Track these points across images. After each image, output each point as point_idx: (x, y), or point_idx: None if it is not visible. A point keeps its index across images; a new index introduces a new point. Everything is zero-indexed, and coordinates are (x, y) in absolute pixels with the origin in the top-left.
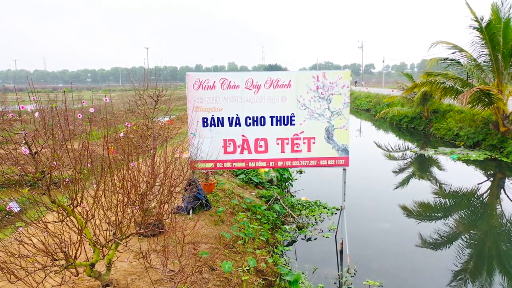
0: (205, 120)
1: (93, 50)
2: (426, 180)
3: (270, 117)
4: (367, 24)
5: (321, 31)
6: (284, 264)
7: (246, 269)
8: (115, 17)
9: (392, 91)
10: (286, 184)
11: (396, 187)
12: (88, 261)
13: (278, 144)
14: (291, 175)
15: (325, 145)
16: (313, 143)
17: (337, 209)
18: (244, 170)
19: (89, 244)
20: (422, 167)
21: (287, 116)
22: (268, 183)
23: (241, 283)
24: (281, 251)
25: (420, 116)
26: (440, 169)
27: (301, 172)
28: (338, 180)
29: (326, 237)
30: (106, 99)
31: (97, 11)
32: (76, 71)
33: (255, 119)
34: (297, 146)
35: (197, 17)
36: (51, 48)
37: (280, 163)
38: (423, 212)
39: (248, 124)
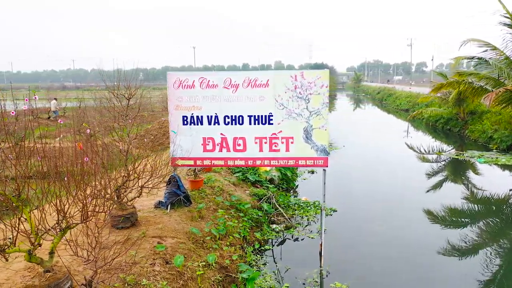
0: (185, 118)
1: (145, 51)
2: (449, 184)
3: (248, 116)
4: (419, 21)
5: (371, 29)
6: (260, 263)
7: (203, 264)
8: (166, 19)
9: None
10: (289, 183)
11: (415, 190)
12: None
13: (256, 143)
14: (297, 175)
15: (304, 145)
16: (292, 143)
17: (334, 210)
18: (242, 168)
19: (31, 232)
20: (447, 170)
21: (265, 116)
22: (268, 182)
23: (196, 278)
24: (258, 249)
25: (457, 118)
26: (466, 173)
27: (312, 172)
28: (348, 182)
29: (312, 238)
30: (35, 98)
31: (148, 14)
32: (129, 70)
33: (233, 118)
34: (275, 146)
35: (244, 17)
36: (108, 49)
37: (258, 162)
38: (436, 216)
39: (226, 123)
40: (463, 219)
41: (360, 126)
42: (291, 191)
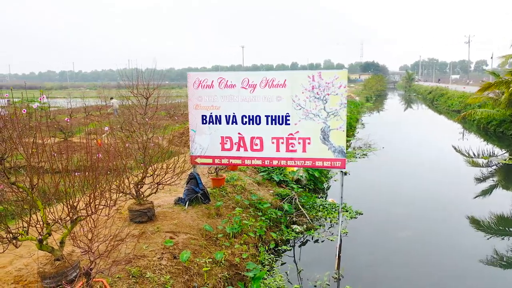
0: (204, 117)
1: (196, 50)
2: (498, 191)
3: (265, 116)
4: (479, 16)
5: (426, 26)
6: (276, 263)
7: (210, 261)
8: (214, 18)
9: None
10: (317, 184)
11: (458, 196)
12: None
13: (273, 143)
14: (326, 176)
15: (321, 146)
16: (308, 143)
17: (359, 213)
18: (268, 168)
19: (43, 222)
20: (497, 176)
21: (282, 116)
22: (294, 182)
23: (203, 274)
24: (274, 249)
25: (510, 120)
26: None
27: (345, 173)
28: (381, 185)
29: (332, 240)
30: (43, 97)
31: (195, 12)
32: (181, 69)
33: (251, 117)
34: (292, 146)
35: (294, 14)
36: (161, 49)
37: (275, 162)
38: (480, 224)
39: (244, 122)
40: (510, 229)
41: (406, 127)
42: (320, 192)
